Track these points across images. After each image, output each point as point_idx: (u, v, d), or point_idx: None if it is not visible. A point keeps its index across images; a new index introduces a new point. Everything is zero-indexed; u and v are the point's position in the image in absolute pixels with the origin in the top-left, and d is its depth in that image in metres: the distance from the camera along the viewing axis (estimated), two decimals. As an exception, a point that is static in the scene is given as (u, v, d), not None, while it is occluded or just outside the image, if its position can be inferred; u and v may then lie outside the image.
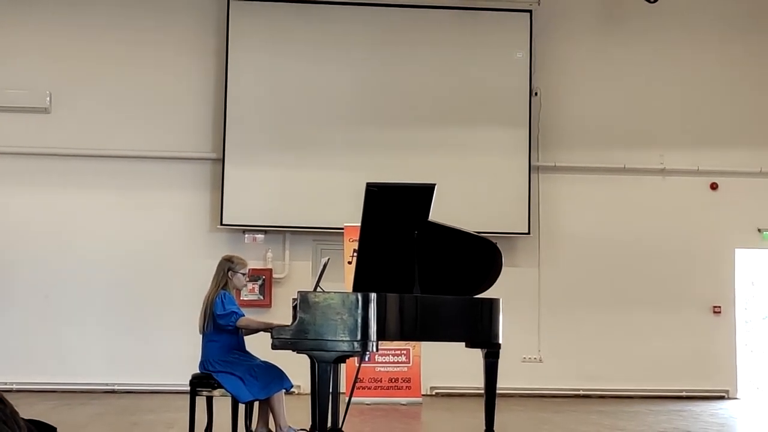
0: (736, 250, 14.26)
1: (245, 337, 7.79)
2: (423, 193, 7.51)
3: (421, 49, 13.90)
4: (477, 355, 7.95)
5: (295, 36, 13.75)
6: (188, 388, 7.68)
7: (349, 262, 11.53)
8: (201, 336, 7.71)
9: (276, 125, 13.59)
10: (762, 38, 14.55)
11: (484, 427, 7.88)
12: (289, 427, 7.62)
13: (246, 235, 13.58)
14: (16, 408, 1.75)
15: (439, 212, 7.84)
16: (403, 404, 11.88)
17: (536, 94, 14.04)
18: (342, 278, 11.54)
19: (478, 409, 8.22)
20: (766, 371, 14.67)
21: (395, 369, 12.19)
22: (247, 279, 8.04)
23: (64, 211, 13.45)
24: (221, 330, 7.54)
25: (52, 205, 13.45)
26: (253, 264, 13.28)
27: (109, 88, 13.65)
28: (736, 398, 13.80)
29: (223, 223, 13.39)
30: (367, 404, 11.63)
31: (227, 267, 7.76)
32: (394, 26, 13.92)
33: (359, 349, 7.06)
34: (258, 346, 7.92)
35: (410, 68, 13.87)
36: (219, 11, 13.83)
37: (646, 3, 13.93)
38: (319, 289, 7.53)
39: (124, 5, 13.82)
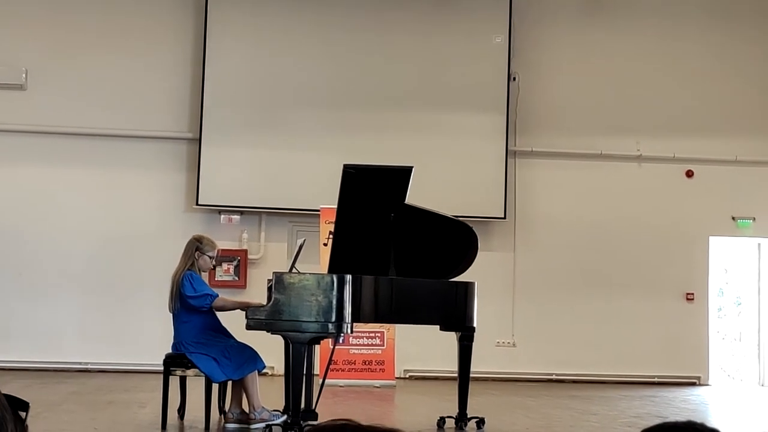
0: (711, 237, 14.33)
1: (220, 315, 7.78)
2: (400, 175, 7.52)
3: (399, 31, 13.86)
4: (451, 339, 7.98)
5: (274, 17, 13.68)
6: (162, 368, 7.67)
7: (325, 244, 11.52)
8: (172, 316, 7.70)
9: (253, 106, 13.54)
10: (740, 28, 14.60)
11: (457, 410, 7.92)
12: (263, 407, 7.63)
13: (222, 216, 13.53)
14: None
15: (415, 195, 7.86)
16: (377, 387, 11.90)
17: (515, 79, 14.04)
18: (318, 260, 11.54)
19: (452, 392, 8.26)
20: (737, 358, 14.79)
21: (369, 351, 12.21)
22: (214, 263, 7.98)
23: (39, 188, 13.36)
24: (193, 310, 7.53)
25: (27, 182, 13.35)
26: (229, 245, 13.27)
27: (86, 66, 13.55)
28: (708, 385, 13.90)
29: (199, 203, 13.34)
30: (341, 386, 11.63)
31: (195, 247, 7.73)
32: (373, 8, 13.87)
33: (334, 331, 7.08)
34: (231, 326, 7.91)
35: (389, 51, 13.84)
36: (198, -10, 13.75)
37: (626, -10, 13.97)
38: (294, 271, 7.54)
39: (102, -18, 13.73)
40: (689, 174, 14.39)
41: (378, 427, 1.45)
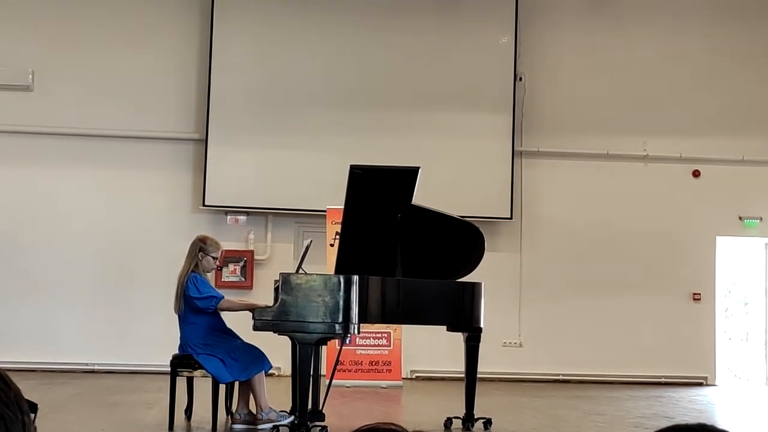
0: (717, 237, 14.30)
1: (226, 317, 7.77)
2: (407, 176, 7.52)
3: (405, 31, 13.85)
4: (458, 339, 7.97)
5: (280, 18, 13.68)
6: (169, 369, 7.68)
7: (332, 245, 11.50)
8: (177, 317, 7.70)
9: (260, 106, 13.53)
10: (745, 27, 14.57)
11: (464, 411, 7.91)
12: (270, 408, 7.63)
13: (228, 217, 13.54)
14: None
15: (422, 196, 7.85)
16: (384, 387, 11.89)
17: (521, 79, 14.03)
18: (324, 261, 11.53)
19: (459, 392, 8.25)
20: (744, 359, 14.76)
21: (376, 352, 12.20)
22: (218, 264, 7.97)
23: (45, 189, 13.37)
24: (199, 312, 7.53)
25: (33, 183, 13.36)
26: (235, 245, 13.28)
27: (91, 67, 13.55)
28: (714, 385, 13.86)
29: (205, 204, 13.35)
30: (348, 387, 11.62)
31: (199, 247, 7.72)
32: (379, 8, 13.86)
33: (341, 332, 7.09)
34: (237, 327, 7.90)
35: (395, 51, 13.83)
36: (203, -9, 13.75)
37: (632, -11, 13.94)
38: (301, 271, 7.54)
39: (108, -17, 13.73)
40: (696, 174, 14.36)
41: None
